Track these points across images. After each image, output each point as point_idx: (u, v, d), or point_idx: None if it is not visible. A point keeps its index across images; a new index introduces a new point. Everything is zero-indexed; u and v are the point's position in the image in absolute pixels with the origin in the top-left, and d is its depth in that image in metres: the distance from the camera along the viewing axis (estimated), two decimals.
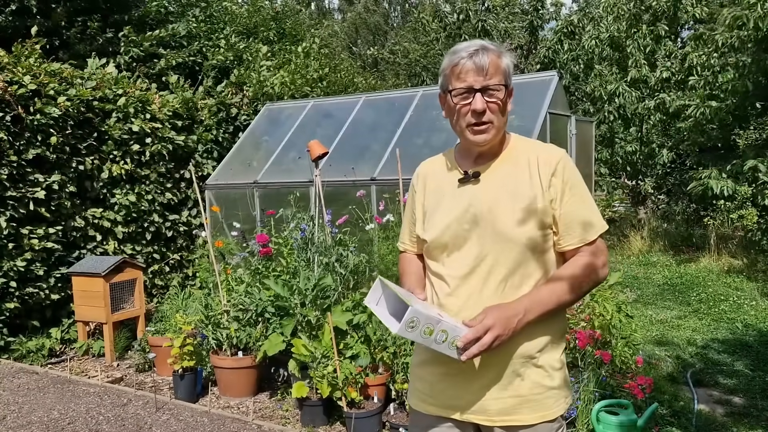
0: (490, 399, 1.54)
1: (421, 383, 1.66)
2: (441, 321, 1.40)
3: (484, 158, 1.61)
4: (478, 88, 1.50)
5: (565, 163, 1.55)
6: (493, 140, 1.56)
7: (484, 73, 1.50)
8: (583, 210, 1.54)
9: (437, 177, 1.69)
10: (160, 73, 8.64)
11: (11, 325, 5.07)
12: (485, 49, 1.51)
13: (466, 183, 1.60)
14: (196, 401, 4.12)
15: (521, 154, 1.59)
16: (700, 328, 5.79)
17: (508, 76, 1.54)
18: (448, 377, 1.58)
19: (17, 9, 7.81)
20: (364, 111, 6.42)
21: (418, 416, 1.68)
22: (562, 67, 11.52)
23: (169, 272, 6.45)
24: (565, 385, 1.60)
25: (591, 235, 1.54)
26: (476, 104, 1.50)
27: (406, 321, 1.36)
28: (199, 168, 6.84)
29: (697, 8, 11.21)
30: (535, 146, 1.61)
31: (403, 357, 3.53)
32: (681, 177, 11.54)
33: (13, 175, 4.99)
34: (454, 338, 1.41)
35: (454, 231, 1.57)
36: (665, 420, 3.67)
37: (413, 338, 1.39)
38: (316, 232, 4.44)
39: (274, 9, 12.27)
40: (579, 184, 1.56)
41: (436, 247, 1.61)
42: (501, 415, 1.54)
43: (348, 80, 11.53)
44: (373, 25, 25.66)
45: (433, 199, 1.67)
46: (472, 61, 1.50)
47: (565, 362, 1.63)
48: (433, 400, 1.62)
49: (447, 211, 1.60)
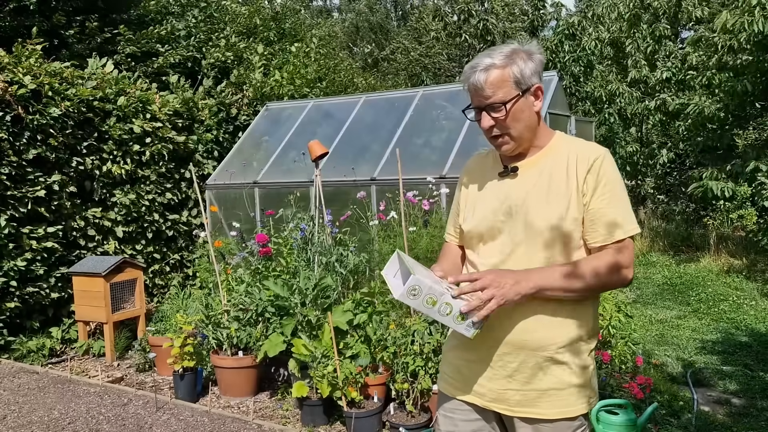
0: (510, 390, 1.57)
1: (448, 367, 1.72)
2: (445, 294, 1.42)
3: (523, 155, 1.65)
4: (482, 107, 1.56)
5: (603, 160, 1.56)
6: (517, 148, 1.62)
7: (482, 93, 1.54)
8: (613, 209, 1.53)
9: (481, 171, 1.75)
10: (160, 71, 8.64)
11: (12, 325, 5.07)
12: (484, 66, 1.53)
13: (505, 177, 1.65)
14: (197, 401, 4.12)
15: (562, 151, 1.61)
16: (699, 328, 5.79)
17: (517, 83, 1.54)
18: (473, 364, 1.63)
19: (15, 8, 7.80)
20: (364, 111, 6.42)
21: (444, 398, 1.73)
22: (562, 68, 11.51)
23: (170, 272, 6.46)
24: (589, 385, 1.60)
25: (617, 235, 1.53)
26: (483, 123, 1.58)
27: (408, 287, 1.41)
28: (200, 168, 6.85)
29: (698, 9, 11.21)
30: (578, 144, 1.63)
31: (402, 357, 3.53)
32: (681, 177, 11.55)
33: (13, 175, 5.00)
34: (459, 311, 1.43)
35: (490, 222, 1.62)
36: (665, 420, 3.67)
37: (416, 306, 1.43)
38: (316, 232, 4.45)
39: (274, 9, 12.27)
40: (614, 183, 1.55)
41: (472, 236, 1.68)
42: (520, 407, 1.57)
43: (348, 80, 11.53)
44: (376, 23, 25.67)
45: (476, 192, 1.73)
46: (470, 82, 1.56)
47: (593, 363, 1.62)
48: (458, 384, 1.67)
49: (486, 203, 1.66)
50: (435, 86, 6.53)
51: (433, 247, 4.08)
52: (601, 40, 11.60)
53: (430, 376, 3.39)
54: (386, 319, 3.76)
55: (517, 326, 1.54)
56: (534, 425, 1.56)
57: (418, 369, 3.43)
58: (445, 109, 5.81)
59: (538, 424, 1.56)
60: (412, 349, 3.50)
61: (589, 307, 1.60)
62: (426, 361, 3.42)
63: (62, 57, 7.57)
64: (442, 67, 19.63)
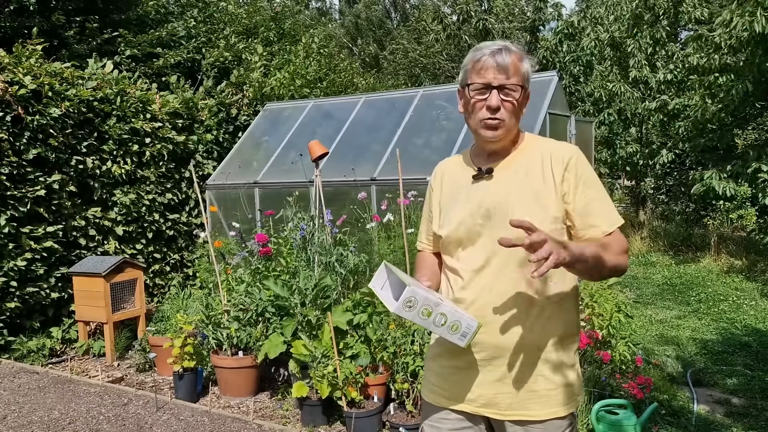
0: (500, 393, 1.56)
1: (434, 376, 1.69)
2: (440, 304, 1.42)
3: (497, 156, 1.64)
4: (495, 85, 1.53)
5: (578, 158, 1.57)
6: (504, 138, 1.59)
7: (504, 72, 1.53)
8: (599, 203, 1.55)
9: (453, 175, 1.73)
10: (159, 72, 8.65)
11: (12, 325, 5.07)
12: (508, 49, 1.54)
13: (480, 179, 1.63)
14: (197, 401, 4.13)
15: (535, 151, 1.61)
16: (699, 328, 5.80)
17: (526, 80, 1.57)
18: (460, 370, 1.61)
19: (16, 9, 7.81)
20: (364, 111, 6.43)
21: (430, 408, 1.70)
22: (562, 68, 11.52)
23: (170, 272, 6.46)
24: (577, 383, 1.61)
25: (611, 225, 1.54)
26: (491, 100, 1.53)
27: (403, 300, 1.39)
28: (200, 168, 6.85)
29: (698, 10, 11.21)
30: (549, 143, 1.63)
31: (402, 357, 3.54)
32: (681, 177, 11.55)
33: (13, 175, 5.00)
34: (454, 322, 1.42)
35: (468, 226, 1.60)
36: (664, 420, 3.67)
37: (411, 318, 1.42)
38: (316, 232, 4.45)
39: (274, 9, 12.27)
40: (593, 179, 1.57)
41: (450, 242, 1.65)
42: (511, 410, 1.56)
43: (348, 80, 11.53)
44: (376, 20, 25.66)
45: (449, 197, 1.70)
46: (494, 59, 1.53)
47: (578, 360, 1.63)
48: (445, 393, 1.64)
49: (461, 207, 1.63)
50: (435, 86, 6.53)
51: None
52: (601, 40, 11.60)
53: None
54: (386, 319, 3.76)
55: (505, 329, 1.54)
56: (525, 427, 1.56)
57: (418, 369, 3.43)
58: (445, 110, 5.82)
59: (529, 425, 1.55)
60: (412, 349, 3.50)
61: (573, 304, 1.61)
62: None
63: (62, 57, 7.58)
64: (441, 68, 19.64)
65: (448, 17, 15.50)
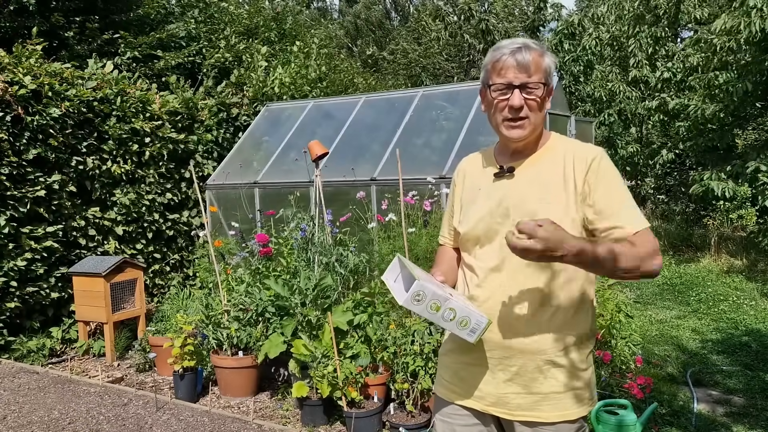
0: (511, 393, 1.55)
1: (446, 371, 1.69)
2: (449, 299, 1.41)
3: (521, 154, 1.62)
4: (517, 84, 1.52)
5: (601, 159, 1.54)
6: (529, 136, 1.57)
7: (525, 71, 1.51)
8: (622, 204, 1.50)
9: (475, 172, 1.72)
10: (160, 73, 8.64)
11: (12, 325, 5.07)
12: (528, 47, 1.53)
13: (501, 178, 1.62)
14: (197, 401, 4.13)
15: (558, 151, 1.59)
16: (699, 328, 5.79)
17: (549, 75, 1.56)
18: (471, 367, 1.61)
19: (15, 9, 7.80)
20: (364, 111, 6.42)
21: (441, 403, 1.70)
22: (562, 68, 11.52)
23: (170, 272, 6.46)
24: (588, 387, 1.59)
25: (635, 227, 1.47)
26: (513, 100, 1.52)
27: (412, 293, 1.39)
28: (200, 168, 6.85)
29: (698, 10, 11.22)
30: (573, 144, 1.61)
31: (403, 357, 3.53)
32: (681, 177, 11.55)
33: (13, 175, 5.00)
34: (463, 318, 1.42)
35: (487, 224, 1.59)
36: (665, 420, 3.67)
37: (420, 312, 1.41)
38: (316, 232, 4.45)
39: (274, 9, 12.27)
40: (616, 181, 1.53)
41: (468, 239, 1.64)
42: (521, 410, 1.55)
43: (348, 80, 11.53)
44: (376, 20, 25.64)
45: (470, 193, 1.70)
46: (514, 58, 1.52)
47: (592, 363, 1.61)
48: (456, 388, 1.65)
49: (481, 204, 1.63)
50: (435, 86, 6.53)
51: (432, 248, 4.08)
52: (601, 39, 11.60)
53: (430, 376, 3.39)
54: (386, 319, 3.76)
55: (517, 330, 1.54)
56: (534, 428, 1.55)
57: (418, 369, 3.43)
58: (445, 110, 5.82)
59: (538, 427, 1.55)
60: (412, 349, 3.50)
61: (588, 308, 1.59)
62: (426, 361, 3.42)
63: (62, 58, 7.58)
64: (441, 68, 19.64)
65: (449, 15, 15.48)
